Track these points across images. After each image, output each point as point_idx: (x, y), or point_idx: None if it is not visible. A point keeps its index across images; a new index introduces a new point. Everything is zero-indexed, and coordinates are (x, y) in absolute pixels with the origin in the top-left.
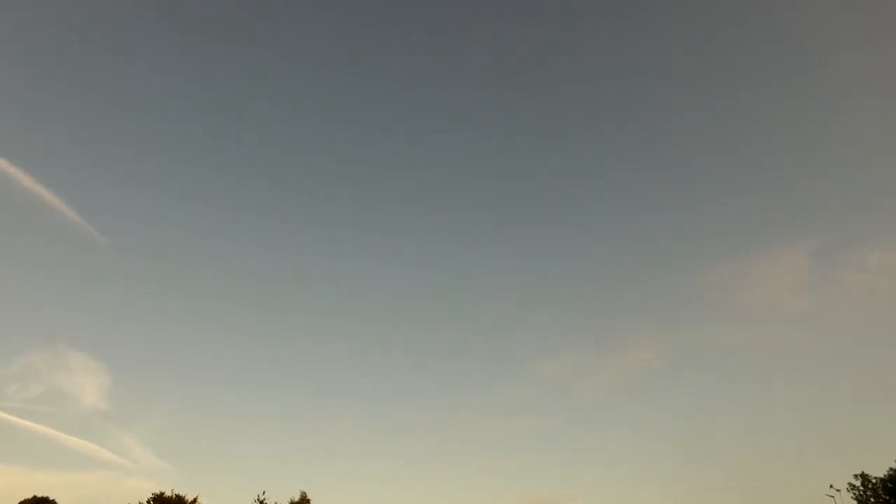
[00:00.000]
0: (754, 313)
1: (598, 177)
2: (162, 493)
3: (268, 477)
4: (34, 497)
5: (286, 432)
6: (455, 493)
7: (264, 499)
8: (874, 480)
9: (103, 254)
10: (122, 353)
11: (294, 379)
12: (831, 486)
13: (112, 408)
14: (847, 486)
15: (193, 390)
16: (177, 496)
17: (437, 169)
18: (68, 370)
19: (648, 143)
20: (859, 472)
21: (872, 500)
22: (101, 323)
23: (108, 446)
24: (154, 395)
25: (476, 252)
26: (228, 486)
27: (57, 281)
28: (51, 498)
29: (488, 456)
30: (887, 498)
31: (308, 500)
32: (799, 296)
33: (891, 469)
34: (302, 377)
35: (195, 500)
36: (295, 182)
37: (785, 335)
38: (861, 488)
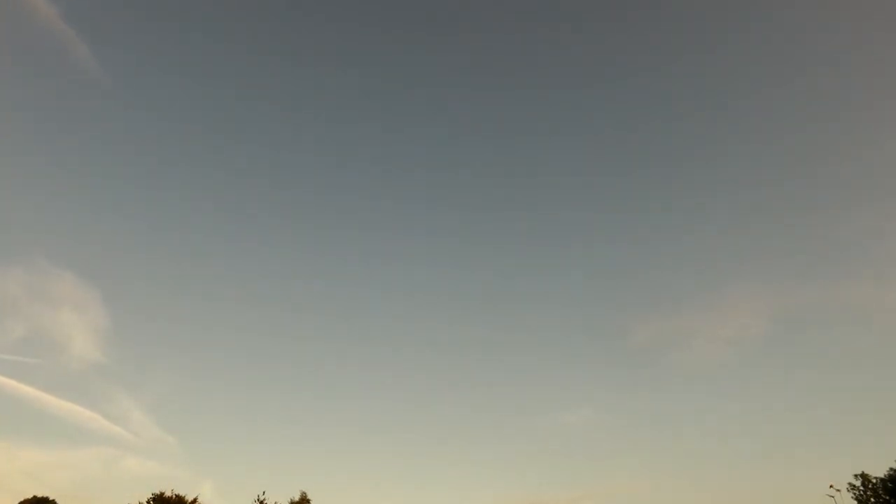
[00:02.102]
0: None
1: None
2: (162, 494)
3: (273, 463)
4: (34, 497)
5: (291, 431)
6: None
7: (264, 499)
8: (874, 480)
9: (106, 102)
10: (121, 275)
11: (300, 377)
12: (831, 486)
13: (110, 361)
14: (847, 486)
15: (201, 346)
16: (177, 496)
17: (444, 169)
18: (53, 300)
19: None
20: (859, 472)
21: (872, 500)
22: (94, 230)
23: (106, 413)
24: (160, 344)
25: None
26: (233, 468)
27: (37, 153)
28: (51, 498)
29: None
30: (887, 498)
31: (308, 500)
32: None
33: (891, 469)
34: (307, 375)
35: (195, 500)
36: (298, 180)
37: None
38: (861, 488)
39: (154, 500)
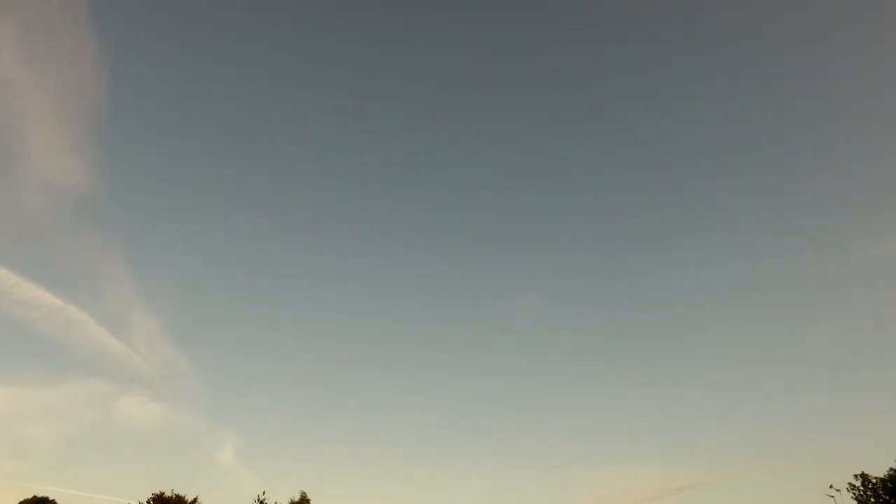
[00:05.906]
0: None
1: None
2: (161, 493)
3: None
4: (34, 497)
5: (297, 430)
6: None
7: (264, 499)
8: (874, 480)
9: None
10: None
11: (305, 375)
12: (831, 486)
13: (104, 195)
14: (847, 486)
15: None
16: (177, 496)
17: (449, 168)
18: None
19: None
20: (859, 472)
21: (872, 500)
22: None
23: (97, 313)
24: (175, 169)
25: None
26: (260, 424)
27: None
28: (50, 498)
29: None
30: (887, 498)
31: (308, 501)
32: None
33: (891, 469)
34: (313, 375)
35: (195, 500)
36: (309, 181)
37: None
38: (861, 488)
39: (154, 500)
